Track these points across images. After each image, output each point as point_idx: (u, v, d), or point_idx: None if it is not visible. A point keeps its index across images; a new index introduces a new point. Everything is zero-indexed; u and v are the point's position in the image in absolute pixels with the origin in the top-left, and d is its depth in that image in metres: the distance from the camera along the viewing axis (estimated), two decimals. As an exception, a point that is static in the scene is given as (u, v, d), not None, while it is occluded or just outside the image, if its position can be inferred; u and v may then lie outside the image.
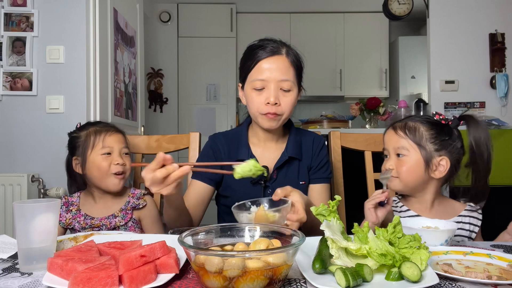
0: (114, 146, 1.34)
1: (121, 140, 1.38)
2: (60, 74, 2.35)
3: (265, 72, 1.23)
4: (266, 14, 4.91)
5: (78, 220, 1.33)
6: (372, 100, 3.38)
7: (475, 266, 0.81)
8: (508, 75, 2.95)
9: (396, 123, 1.24)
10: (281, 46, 1.26)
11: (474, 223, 1.21)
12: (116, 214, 1.34)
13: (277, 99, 1.22)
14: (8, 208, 2.21)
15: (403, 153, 1.18)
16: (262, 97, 1.23)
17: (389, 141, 1.23)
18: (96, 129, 1.36)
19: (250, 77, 1.26)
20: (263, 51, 1.25)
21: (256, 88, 1.24)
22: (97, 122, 1.44)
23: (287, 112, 1.26)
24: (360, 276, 0.68)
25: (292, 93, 1.25)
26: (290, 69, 1.24)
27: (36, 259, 0.80)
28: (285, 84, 1.23)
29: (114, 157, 1.34)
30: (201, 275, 0.67)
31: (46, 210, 0.82)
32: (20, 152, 2.34)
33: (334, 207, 0.82)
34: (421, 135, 1.17)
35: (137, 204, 1.37)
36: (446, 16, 3.01)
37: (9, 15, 2.34)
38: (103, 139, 1.33)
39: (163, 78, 4.77)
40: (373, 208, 1.09)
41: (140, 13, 3.26)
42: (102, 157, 1.32)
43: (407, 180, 1.18)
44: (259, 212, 0.99)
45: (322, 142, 1.40)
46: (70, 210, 1.35)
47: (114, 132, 1.37)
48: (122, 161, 1.34)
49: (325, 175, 1.36)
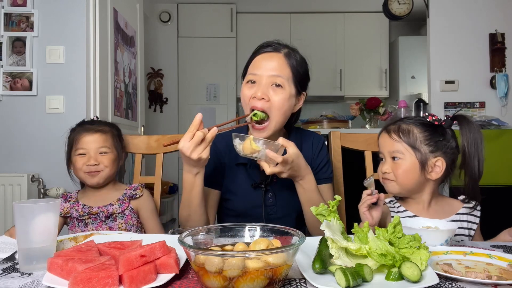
0: (89, 147, 1.40)
1: (98, 140, 1.41)
2: (60, 74, 2.35)
3: (259, 66, 1.22)
4: (266, 14, 4.91)
5: (76, 209, 1.39)
6: (372, 100, 3.38)
7: (475, 266, 0.81)
8: (508, 75, 2.95)
9: (389, 126, 1.24)
10: (282, 47, 1.25)
11: (472, 221, 1.21)
12: (113, 203, 1.40)
13: (266, 94, 1.19)
14: (8, 208, 2.21)
15: (398, 157, 1.18)
16: (251, 91, 1.21)
17: (383, 145, 1.23)
18: (78, 129, 1.43)
19: (247, 72, 1.26)
20: (263, 48, 1.25)
21: (248, 80, 1.23)
22: (88, 121, 1.50)
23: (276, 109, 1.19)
24: (360, 276, 0.68)
25: (284, 91, 1.20)
26: (285, 67, 1.22)
27: (36, 259, 0.80)
28: (277, 79, 1.20)
29: (87, 157, 1.39)
30: (201, 275, 0.67)
31: (46, 210, 0.82)
32: (20, 152, 2.34)
33: (334, 207, 0.82)
34: (415, 138, 1.17)
35: (134, 194, 1.43)
36: (446, 16, 3.01)
37: (9, 15, 2.34)
38: (79, 140, 1.40)
39: (163, 78, 4.77)
40: (367, 210, 1.09)
41: (140, 13, 3.26)
42: (78, 157, 1.40)
43: (404, 183, 1.18)
44: (247, 140, 1.09)
45: (321, 142, 1.39)
46: (68, 200, 1.42)
47: (92, 132, 1.41)
48: (94, 161, 1.38)
49: (326, 175, 1.36)
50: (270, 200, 1.29)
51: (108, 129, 1.46)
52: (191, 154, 1.05)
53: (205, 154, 1.07)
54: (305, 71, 1.28)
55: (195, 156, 1.06)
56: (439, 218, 1.16)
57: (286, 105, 1.22)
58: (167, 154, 1.63)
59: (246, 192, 1.29)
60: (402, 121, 1.22)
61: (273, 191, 1.29)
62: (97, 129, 1.43)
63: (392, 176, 1.19)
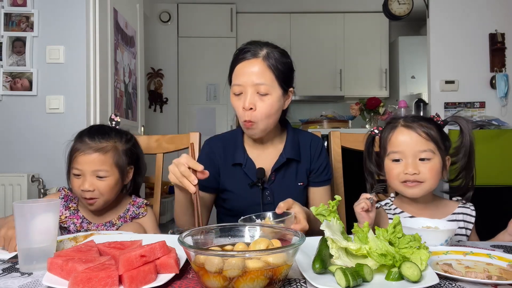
0: (84, 169, 1.20)
1: (95, 162, 1.20)
2: (60, 74, 2.35)
3: (241, 76, 1.22)
4: (266, 14, 4.91)
5: (74, 222, 1.26)
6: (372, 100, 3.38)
7: (475, 266, 0.81)
8: (508, 75, 2.95)
9: (406, 122, 1.16)
10: (260, 49, 1.23)
11: (468, 220, 1.20)
12: (114, 221, 1.28)
13: (253, 104, 1.20)
14: (8, 208, 2.21)
15: (428, 157, 1.12)
16: (240, 103, 1.23)
17: (406, 143, 1.13)
18: (77, 142, 1.24)
19: (232, 82, 1.26)
20: (242, 55, 1.24)
21: (235, 93, 1.24)
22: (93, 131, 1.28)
23: (263, 118, 1.21)
24: (360, 276, 0.68)
25: (270, 97, 1.21)
26: (266, 72, 1.21)
27: (36, 259, 0.80)
28: (261, 88, 1.20)
29: (81, 180, 1.21)
30: (201, 275, 0.67)
31: (46, 210, 0.82)
32: (20, 152, 2.34)
33: (334, 207, 0.82)
34: (437, 136, 1.14)
35: (137, 213, 1.30)
36: (446, 16, 3.01)
37: (9, 15, 2.34)
38: (75, 159, 1.21)
39: (163, 78, 4.77)
40: (363, 211, 1.07)
41: (140, 13, 3.26)
42: (74, 177, 1.22)
43: (433, 185, 1.13)
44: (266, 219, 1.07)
45: (321, 144, 1.39)
46: (69, 207, 1.27)
47: (90, 152, 1.21)
48: (89, 186, 1.19)
49: (326, 178, 1.36)
50: (268, 198, 1.29)
51: (111, 146, 1.24)
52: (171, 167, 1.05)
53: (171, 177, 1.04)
54: (287, 66, 1.26)
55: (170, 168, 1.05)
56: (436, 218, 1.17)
57: (273, 109, 1.23)
58: (167, 154, 1.63)
59: (243, 191, 1.29)
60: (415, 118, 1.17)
61: (270, 190, 1.29)
62: (96, 147, 1.21)
63: (421, 177, 1.12)
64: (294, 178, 1.32)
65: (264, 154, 1.33)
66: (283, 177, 1.31)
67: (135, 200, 1.34)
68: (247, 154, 1.31)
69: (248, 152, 1.32)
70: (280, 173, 1.31)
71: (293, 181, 1.32)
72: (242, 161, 1.29)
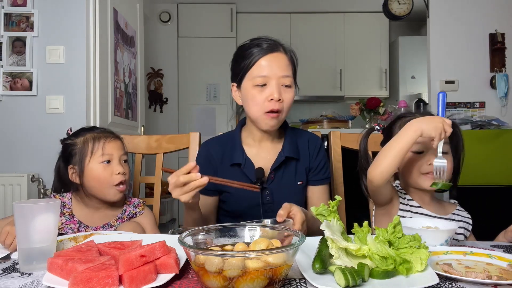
0: (114, 153, 1.26)
1: (121, 147, 1.29)
2: (60, 74, 2.35)
3: (266, 68, 1.23)
4: (266, 14, 4.91)
5: (71, 227, 1.24)
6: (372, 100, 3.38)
7: (475, 266, 0.81)
8: (508, 75, 2.95)
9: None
10: (278, 44, 1.28)
11: (467, 222, 1.23)
12: (112, 223, 1.28)
13: (281, 95, 1.23)
14: (8, 208, 2.21)
15: (447, 151, 1.15)
16: (264, 94, 1.23)
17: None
18: (94, 135, 1.27)
19: (249, 75, 1.25)
20: (260, 48, 1.25)
21: (257, 84, 1.23)
22: (92, 128, 1.35)
23: (287, 109, 1.27)
24: (360, 276, 0.68)
25: (292, 90, 1.26)
26: (289, 66, 1.26)
27: (36, 259, 0.80)
28: (286, 80, 1.24)
29: (114, 165, 1.24)
30: (201, 275, 0.67)
31: (46, 210, 0.82)
32: (20, 152, 2.34)
33: (334, 207, 0.82)
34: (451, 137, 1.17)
35: (134, 213, 1.32)
36: (446, 16, 3.01)
37: (9, 15, 2.34)
38: (102, 146, 1.24)
39: (163, 78, 4.77)
40: None
41: (140, 13, 3.26)
42: (102, 165, 1.23)
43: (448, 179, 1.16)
44: None
45: (319, 142, 1.39)
46: (63, 212, 1.25)
47: (113, 138, 1.29)
48: (123, 169, 1.25)
49: (324, 176, 1.36)
50: (267, 198, 1.29)
51: (120, 136, 1.35)
52: (172, 191, 1.03)
53: (184, 198, 1.02)
54: (297, 61, 1.32)
55: (175, 195, 1.03)
56: (439, 213, 1.18)
57: (292, 102, 1.29)
58: (167, 154, 1.63)
59: (242, 192, 1.28)
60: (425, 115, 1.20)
61: (269, 189, 1.29)
62: (115, 135, 1.31)
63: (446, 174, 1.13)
64: (293, 177, 1.32)
65: (263, 152, 1.33)
66: (282, 176, 1.31)
67: (130, 200, 1.34)
68: (246, 154, 1.31)
69: (246, 152, 1.32)
70: (279, 172, 1.31)
71: (292, 180, 1.32)
72: (241, 161, 1.29)
